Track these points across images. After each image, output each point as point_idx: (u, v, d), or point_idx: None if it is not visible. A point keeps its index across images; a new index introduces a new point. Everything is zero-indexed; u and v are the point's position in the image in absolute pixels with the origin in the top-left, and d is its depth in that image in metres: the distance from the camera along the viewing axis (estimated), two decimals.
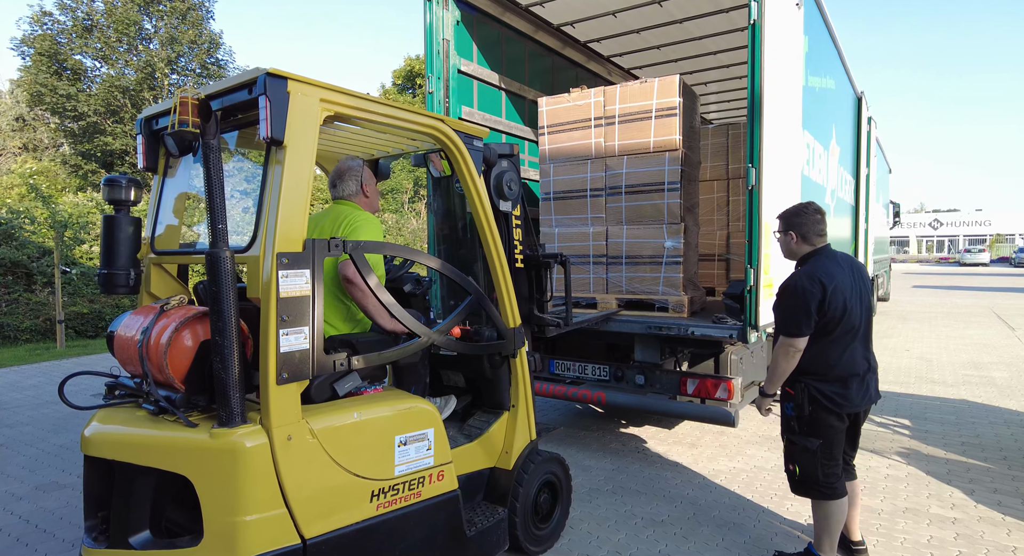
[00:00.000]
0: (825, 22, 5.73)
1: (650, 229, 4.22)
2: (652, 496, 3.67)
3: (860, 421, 2.75)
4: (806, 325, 2.50)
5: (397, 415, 2.29)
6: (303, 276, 1.98)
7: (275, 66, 2.04)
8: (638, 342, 4.12)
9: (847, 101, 7.81)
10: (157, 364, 2.00)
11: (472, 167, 2.68)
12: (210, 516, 1.86)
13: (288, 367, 1.93)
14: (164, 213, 2.51)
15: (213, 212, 1.88)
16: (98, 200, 14.04)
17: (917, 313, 13.43)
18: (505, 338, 2.79)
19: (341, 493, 2.08)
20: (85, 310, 10.65)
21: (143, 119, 2.45)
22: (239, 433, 1.86)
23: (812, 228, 2.65)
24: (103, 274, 2.36)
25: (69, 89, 17.38)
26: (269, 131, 1.92)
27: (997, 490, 3.71)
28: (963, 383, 6.60)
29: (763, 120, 3.51)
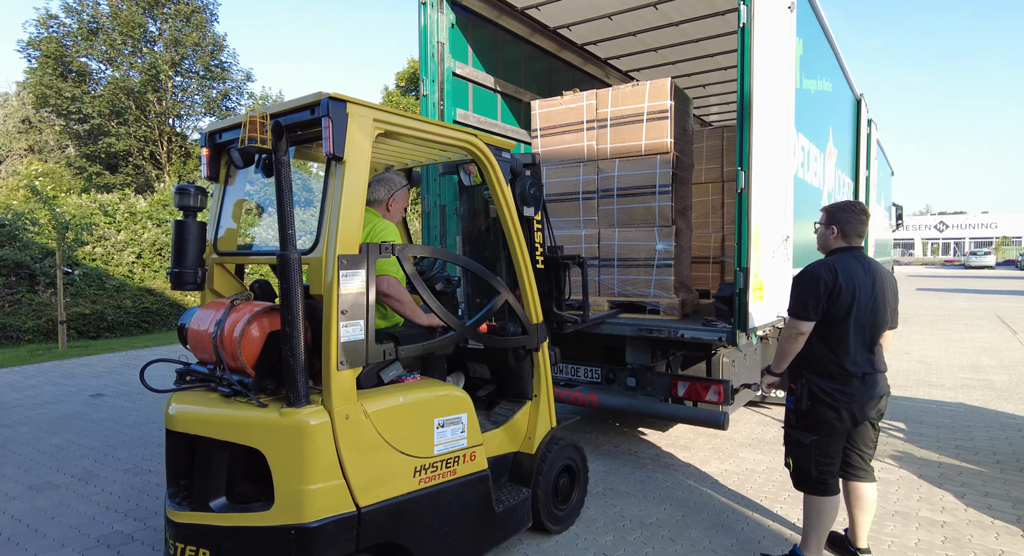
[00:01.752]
0: (821, 25, 5.73)
1: (642, 231, 4.23)
2: (642, 498, 3.68)
3: (872, 420, 2.72)
4: (813, 309, 2.55)
5: (435, 400, 2.55)
6: (360, 275, 2.24)
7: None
8: (629, 344, 4.12)
9: (845, 103, 7.79)
10: (231, 353, 2.24)
11: (501, 176, 2.95)
12: (280, 484, 2.10)
13: (347, 355, 2.19)
14: (224, 218, 2.78)
15: (283, 219, 2.12)
16: (101, 201, 14.14)
17: (919, 316, 13.38)
18: (529, 333, 3.05)
19: (389, 468, 2.32)
20: (87, 311, 10.72)
21: (207, 133, 2.72)
22: (305, 412, 2.11)
23: (854, 227, 2.70)
24: (174, 273, 2.59)
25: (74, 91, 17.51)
26: (332, 148, 2.17)
27: (988, 494, 3.69)
28: (961, 386, 6.57)
29: (752, 123, 3.51)
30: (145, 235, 13.73)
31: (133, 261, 13.17)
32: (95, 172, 18.36)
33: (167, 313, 12.31)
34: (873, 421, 2.72)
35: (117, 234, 13.38)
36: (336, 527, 2.12)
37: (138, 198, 15.73)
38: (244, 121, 2.16)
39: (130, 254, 13.20)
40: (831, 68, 6.49)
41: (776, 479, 3.97)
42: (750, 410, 5.63)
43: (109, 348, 9.46)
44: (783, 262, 4.25)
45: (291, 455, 2.10)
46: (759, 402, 5.68)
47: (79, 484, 3.93)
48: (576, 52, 6.92)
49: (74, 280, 11.42)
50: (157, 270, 13.47)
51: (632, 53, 7.09)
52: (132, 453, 4.50)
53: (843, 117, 7.64)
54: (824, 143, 6.25)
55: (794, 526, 3.29)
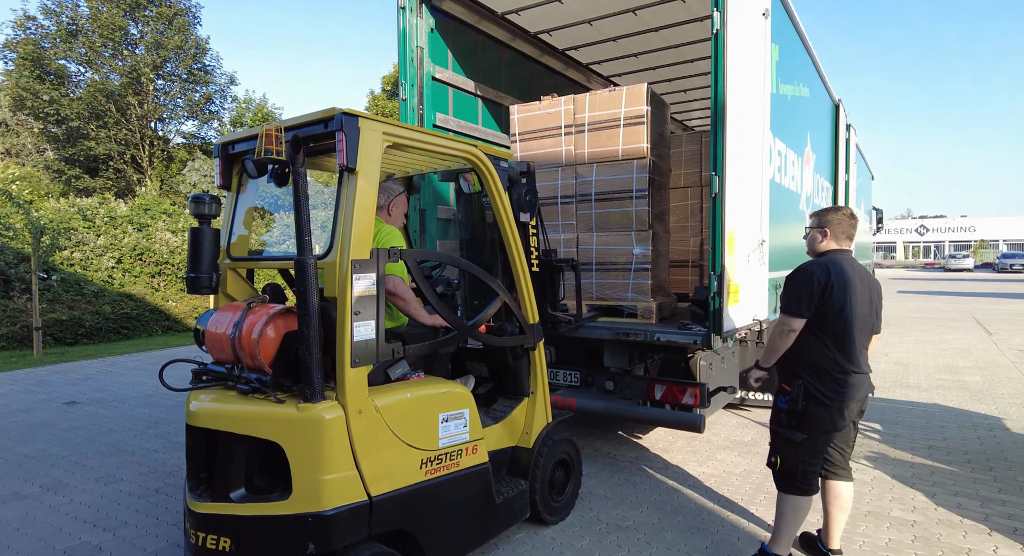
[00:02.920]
0: (797, 31, 5.81)
1: (619, 236, 4.25)
2: (619, 501, 3.68)
3: (855, 418, 2.78)
4: (806, 306, 2.61)
5: (440, 396, 2.69)
6: (371, 278, 2.38)
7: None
8: (607, 348, 4.14)
9: (824, 109, 7.91)
10: (249, 352, 2.37)
11: (500, 184, 3.11)
12: (298, 475, 2.23)
13: (359, 353, 2.33)
14: (237, 225, 2.90)
15: (300, 226, 2.24)
16: (80, 205, 13.93)
17: (899, 318, 13.57)
18: (526, 333, 3.19)
19: (398, 459, 2.46)
20: (64, 317, 10.53)
21: (221, 144, 2.83)
22: (321, 407, 2.24)
23: (844, 229, 2.79)
24: (190, 277, 2.71)
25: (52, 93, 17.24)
26: (345, 160, 2.30)
27: (958, 493, 3.75)
28: (937, 387, 6.68)
29: (726, 128, 3.55)
30: (125, 240, 13.53)
31: (113, 266, 12.96)
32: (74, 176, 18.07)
33: (147, 319, 12.13)
34: (855, 420, 2.80)
35: (96, 239, 13.17)
36: (350, 515, 2.25)
37: (119, 202, 15.52)
38: (260, 134, 2.29)
39: (110, 259, 13.00)
40: (808, 74, 6.58)
41: (753, 481, 4.00)
42: (729, 413, 5.67)
43: (86, 355, 9.30)
44: (759, 266, 4.29)
45: (308, 447, 2.23)
46: (738, 404, 5.72)
47: (47, 494, 3.85)
48: (557, 57, 6.95)
49: (51, 285, 11.22)
50: (138, 275, 13.29)
51: (613, 58, 7.14)
52: (105, 462, 4.42)
53: (821, 122, 7.76)
54: (802, 148, 6.34)
55: (769, 527, 3.32)
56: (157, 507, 3.61)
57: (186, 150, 21.30)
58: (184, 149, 21.41)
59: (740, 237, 3.88)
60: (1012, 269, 36.24)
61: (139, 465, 4.34)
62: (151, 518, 3.45)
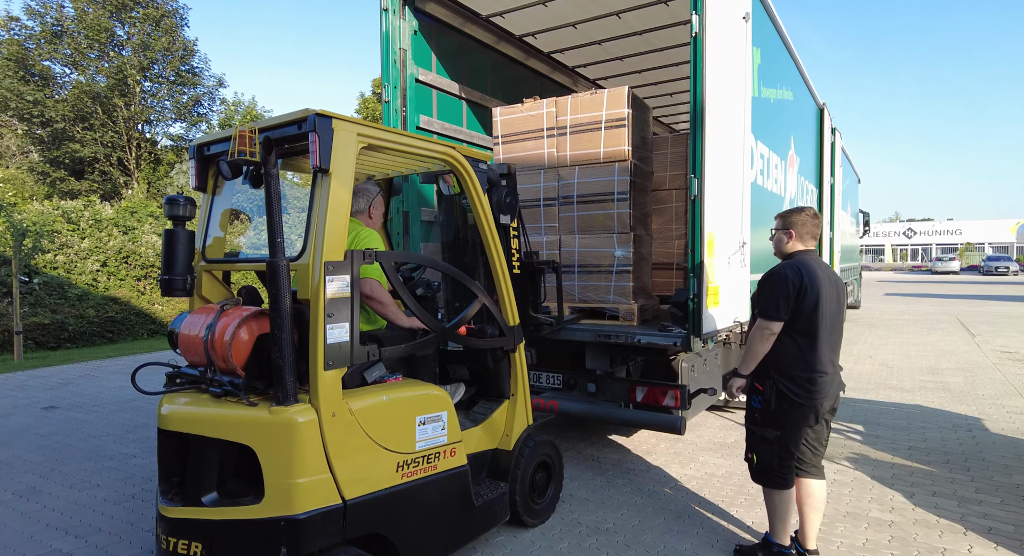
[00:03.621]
0: (780, 35, 5.86)
1: (601, 238, 4.26)
2: (599, 504, 3.68)
3: (827, 416, 2.84)
4: (784, 309, 2.66)
5: (417, 399, 2.67)
6: (345, 280, 2.36)
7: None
8: (588, 350, 4.14)
9: (808, 112, 7.97)
10: (222, 355, 2.35)
11: (479, 186, 3.11)
12: (270, 478, 2.21)
13: (333, 356, 2.31)
14: (212, 227, 2.87)
15: (272, 228, 2.23)
16: (64, 208, 13.78)
17: (885, 320, 13.69)
18: (506, 335, 3.19)
19: (373, 462, 2.44)
20: (46, 321, 10.40)
21: (196, 146, 2.80)
22: (293, 410, 2.22)
23: (809, 229, 2.85)
24: (164, 279, 2.68)
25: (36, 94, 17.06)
26: (318, 161, 2.28)
27: (936, 493, 3.78)
28: (919, 389, 6.73)
29: (705, 131, 3.57)
30: (111, 243, 13.40)
31: (98, 269, 12.83)
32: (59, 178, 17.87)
33: (132, 322, 12.01)
34: (827, 418, 2.85)
35: (81, 242, 13.04)
36: (323, 518, 2.23)
37: (105, 205, 15.37)
38: (234, 135, 2.27)
39: (94, 262, 12.87)
40: (792, 77, 6.64)
41: (734, 483, 4.01)
42: (713, 414, 5.69)
43: (68, 359, 9.19)
44: (740, 268, 4.31)
45: (281, 451, 2.21)
46: (722, 406, 5.74)
47: (19, 501, 3.79)
48: (543, 61, 6.96)
49: (33, 289, 11.08)
50: (123, 278, 13.16)
51: (599, 61, 7.17)
52: (80, 467, 4.36)
53: (805, 125, 7.82)
54: (785, 151, 6.38)
55: (749, 529, 3.32)
56: (133, 513, 3.56)
57: (174, 152, 21.16)
58: (172, 151, 21.27)
59: (720, 239, 3.89)
60: (997, 271, 36.69)
61: (116, 470, 4.28)
62: (126, 524, 3.41)
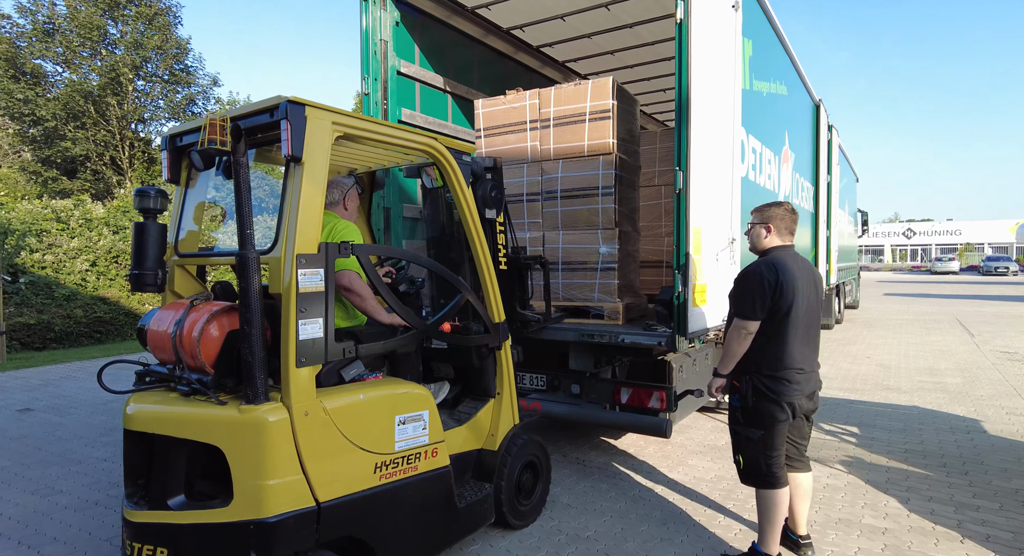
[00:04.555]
0: (773, 28, 5.72)
1: (585, 235, 4.11)
2: (582, 510, 3.53)
3: (808, 412, 2.82)
4: (760, 308, 2.60)
5: (397, 397, 2.59)
6: (318, 274, 2.28)
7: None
8: (572, 350, 3.99)
9: (803, 108, 7.84)
10: (190, 352, 2.28)
11: (462, 179, 3.02)
12: (239, 480, 2.13)
13: (305, 353, 2.22)
14: (186, 220, 2.80)
15: (241, 219, 2.16)
16: (54, 207, 13.63)
17: (884, 320, 13.55)
18: (491, 332, 3.11)
19: (349, 463, 2.36)
20: (32, 321, 10.24)
21: (168, 136, 2.72)
22: (264, 409, 2.14)
23: (785, 224, 2.78)
24: (134, 274, 2.60)
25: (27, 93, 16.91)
26: (290, 150, 2.21)
27: (932, 498, 3.63)
28: (917, 390, 6.59)
29: (691, 122, 3.43)
30: (101, 242, 13.23)
31: (87, 269, 12.67)
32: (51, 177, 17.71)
33: (121, 323, 11.85)
34: (808, 414, 2.82)
35: (70, 241, 12.88)
36: (295, 521, 2.15)
37: (96, 204, 15.20)
38: (204, 124, 2.21)
39: (83, 262, 12.70)
40: (786, 72, 6.50)
41: (723, 487, 3.86)
42: (704, 416, 5.54)
43: (52, 360, 9.03)
44: (729, 265, 4.16)
45: (250, 451, 2.13)
46: (714, 408, 5.59)
47: None
48: (533, 55, 6.83)
49: (19, 289, 10.93)
50: (113, 278, 13.00)
51: (589, 56, 7.03)
52: (45, 472, 4.20)
53: (801, 121, 7.68)
54: (779, 146, 6.24)
55: (736, 536, 3.18)
56: (93, 521, 3.41)
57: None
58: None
59: (708, 235, 3.75)
60: (996, 272, 36.55)
61: (83, 475, 4.13)
62: (83, 533, 3.26)
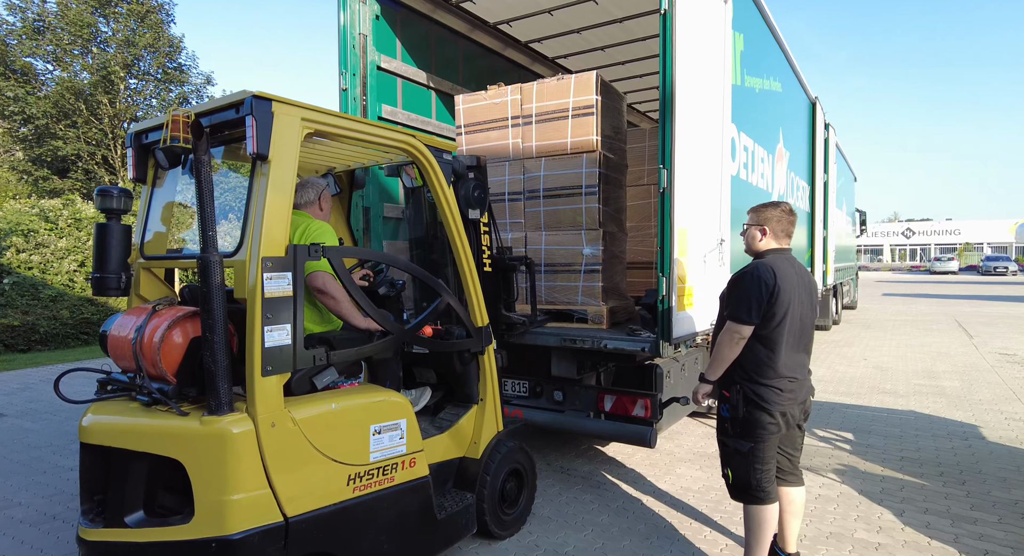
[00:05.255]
0: (767, 22, 5.57)
1: (568, 235, 3.96)
2: (562, 523, 3.38)
3: (800, 421, 2.67)
4: (756, 312, 2.48)
5: (372, 406, 2.48)
6: (286, 278, 2.18)
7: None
8: (554, 355, 3.84)
9: (799, 106, 7.69)
10: (151, 359, 2.18)
11: (442, 178, 2.91)
12: (200, 495, 2.03)
13: (272, 361, 2.13)
14: (152, 221, 2.68)
15: (203, 220, 2.07)
16: (42, 207, 13.45)
17: (882, 321, 13.40)
18: (473, 336, 3.02)
19: (320, 476, 2.26)
20: (16, 323, 10.07)
21: (133, 134, 2.60)
22: (227, 420, 2.04)
23: (783, 226, 2.65)
24: (95, 278, 2.52)
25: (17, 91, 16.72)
26: (255, 147, 2.12)
27: (928, 510, 3.48)
28: (914, 393, 6.44)
29: (675, 118, 3.28)
30: (90, 242, 13.07)
31: (75, 269, 12.51)
32: (42, 177, 17.53)
33: None
34: (800, 423, 2.68)
35: (58, 241, 12.72)
36: (261, 538, 2.05)
37: (87, 204, 15.02)
38: (167, 120, 2.12)
39: (72, 262, 12.54)
40: (780, 68, 6.35)
41: (711, 498, 3.71)
42: (696, 422, 5.39)
43: (35, 362, 8.88)
44: (717, 267, 4.01)
45: (212, 465, 2.04)
46: (705, 413, 5.44)
47: None
48: (522, 51, 6.67)
49: (4, 289, 10.77)
50: None
51: (579, 52, 6.88)
52: (6, 483, 4.04)
53: (796, 119, 7.53)
54: (773, 144, 6.09)
55: (721, 553, 3.03)
56: (47, 537, 3.25)
57: None
58: None
59: (695, 236, 3.60)
60: (996, 271, 36.42)
61: (45, 486, 3.98)
62: (35, 551, 3.10)
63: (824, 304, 11.05)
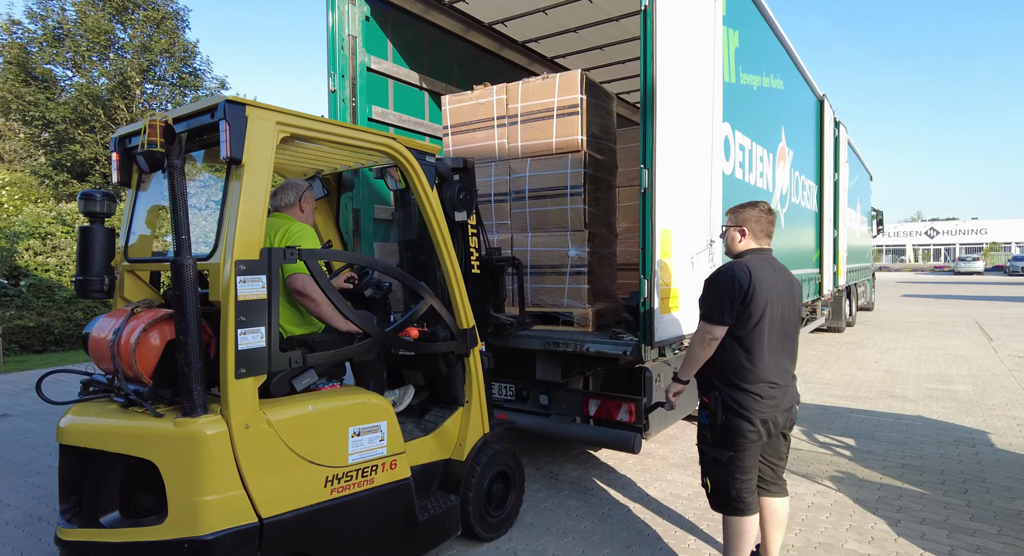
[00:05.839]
0: (765, 18, 5.46)
1: (554, 237, 3.91)
2: (544, 529, 3.32)
3: (785, 429, 2.58)
4: (728, 313, 2.41)
5: (351, 408, 2.48)
6: (259, 281, 2.19)
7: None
8: (538, 358, 3.78)
9: (804, 104, 7.52)
10: (127, 361, 2.20)
11: (424, 181, 2.90)
12: (174, 497, 2.06)
13: (246, 363, 2.14)
14: (137, 224, 2.71)
15: (177, 224, 2.12)
16: (59, 210, 13.75)
17: (898, 323, 13.09)
18: (457, 338, 3.02)
19: (296, 478, 2.26)
20: (31, 324, 10.29)
21: (117, 138, 2.63)
22: (200, 422, 2.06)
23: (762, 226, 2.58)
24: (79, 280, 2.53)
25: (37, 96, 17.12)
26: (228, 151, 2.15)
27: (924, 520, 3.36)
28: (924, 398, 6.25)
29: (656, 116, 3.20)
30: None
31: None
32: (61, 181, 17.93)
33: None
34: (785, 432, 2.59)
35: (74, 243, 12.99)
36: (235, 539, 2.06)
37: None
38: (144, 125, 2.16)
39: None
40: (782, 65, 6.21)
41: (700, 505, 3.62)
42: (694, 425, 5.27)
43: (48, 363, 9.04)
44: (707, 269, 3.91)
45: (185, 466, 2.06)
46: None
47: None
48: (519, 51, 6.62)
49: (21, 292, 11.01)
50: None
51: (576, 52, 6.81)
52: (0, 484, 4.10)
53: (801, 117, 7.37)
54: (774, 143, 5.96)
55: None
56: (30, 539, 3.28)
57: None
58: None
59: (680, 237, 3.52)
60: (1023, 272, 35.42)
61: (37, 488, 4.02)
62: (16, 553, 3.12)
63: (837, 305, 10.81)
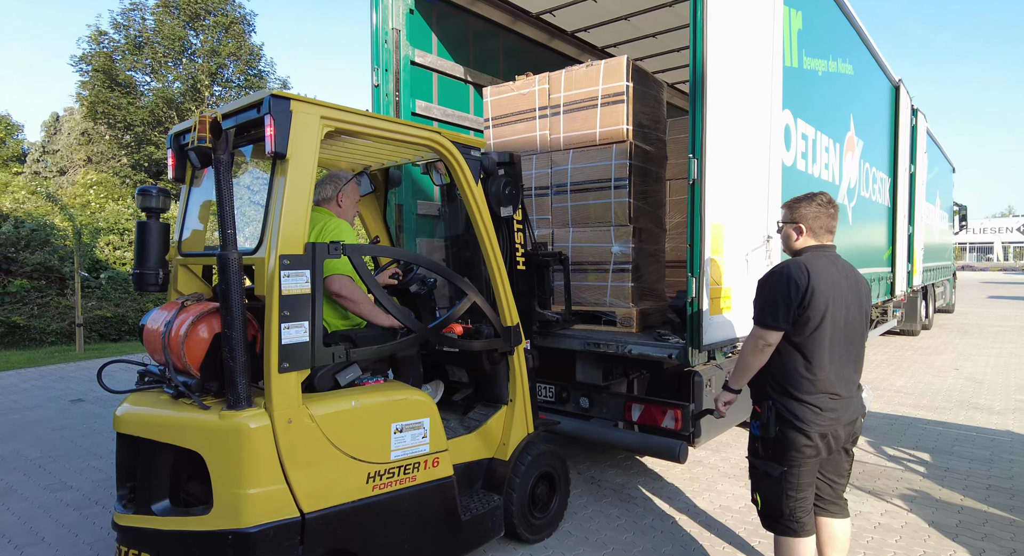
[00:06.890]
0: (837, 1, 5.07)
1: (597, 232, 3.73)
2: (582, 539, 3.18)
3: (847, 444, 2.35)
4: (783, 316, 2.20)
5: (394, 404, 2.47)
6: (304, 276, 2.21)
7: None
8: (579, 360, 3.62)
9: (877, 90, 6.97)
10: (176, 353, 2.25)
11: (469, 175, 2.88)
12: (219, 488, 2.10)
13: (289, 358, 2.15)
14: (191, 219, 2.76)
15: (222, 218, 2.14)
16: (134, 208, 14.66)
17: (982, 327, 12.05)
18: (501, 336, 2.98)
19: (338, 473, 2.27)
20: (109, 314, 10.99)
21: (172, 135, 2.70)
22: (244, 415, 2.09)
23: (823, 221, 2.35)
24: (136, 274, 2.63)
25: (120, 101, 18.30)
26: (273, 146, 2.15)
27: (1015, 552, 2.99)
28: (1013, 410, 5.67)
29: (707, 102, 2.98)
30: None
31: None
32: (139, 180, 19.13)
33: None
34: (847, 447, 2.36)
35: None
36: (277, 533, 2.09)
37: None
38: (195, 122, 2.19)
39: None
40: (851, 48, 5.75)
41: (751, 520, 3.38)
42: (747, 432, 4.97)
43: (121, 351, 9.63)
44: (764, 266, 3.64)
45: (229, 458, 2.09)
46: None
47: None
48: (568, 41, 6.45)
49: (100, 284, 11.76)
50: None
51: (629, 40, 6.57)
52: (66, 466, 4.33)
53: (872, 105, 6.83)
54: (842, 132, 5.54)
55: None
56: (86, 521, 3.42)
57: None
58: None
59: (732, 232, 3.28)
60: None
61: (98, 471, 4.22)
62: (71, 535, 3.26)
63: (911, 307, 10.05)
